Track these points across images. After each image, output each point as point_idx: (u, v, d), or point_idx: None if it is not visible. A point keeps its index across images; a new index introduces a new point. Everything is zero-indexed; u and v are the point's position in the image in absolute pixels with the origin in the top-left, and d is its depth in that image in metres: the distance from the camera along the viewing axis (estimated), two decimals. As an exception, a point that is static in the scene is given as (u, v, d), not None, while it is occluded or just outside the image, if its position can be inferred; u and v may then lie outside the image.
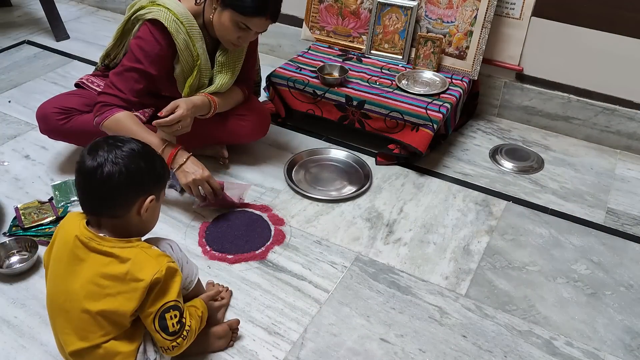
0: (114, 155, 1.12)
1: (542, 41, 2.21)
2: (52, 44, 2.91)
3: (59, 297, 1.15)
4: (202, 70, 1.81)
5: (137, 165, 1.14)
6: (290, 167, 2.03)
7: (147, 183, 1.18)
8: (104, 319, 1.12)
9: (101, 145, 1.14)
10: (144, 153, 1.18)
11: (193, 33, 1.74)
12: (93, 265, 1.12)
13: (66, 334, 1.15)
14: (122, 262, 1.12)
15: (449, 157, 2.17)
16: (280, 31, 2.74)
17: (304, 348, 1.40)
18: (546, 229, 1.82)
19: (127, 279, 1.11)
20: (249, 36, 1.72)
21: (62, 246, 1.16)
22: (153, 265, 1.12)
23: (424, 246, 1.74)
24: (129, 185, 1.14)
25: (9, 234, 1.70)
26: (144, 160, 1.16)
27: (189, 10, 1.74)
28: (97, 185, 1.12)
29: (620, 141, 2.24)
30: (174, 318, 1.15)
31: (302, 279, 1.60)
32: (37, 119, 1.87)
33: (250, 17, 1.63)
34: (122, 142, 1.16)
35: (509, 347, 1.43)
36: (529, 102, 2.34)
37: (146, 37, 1.71)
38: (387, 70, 2.30)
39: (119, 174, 1.11)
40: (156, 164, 1.21)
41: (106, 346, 1.13)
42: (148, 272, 1.11)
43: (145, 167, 1.16)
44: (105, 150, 1.13)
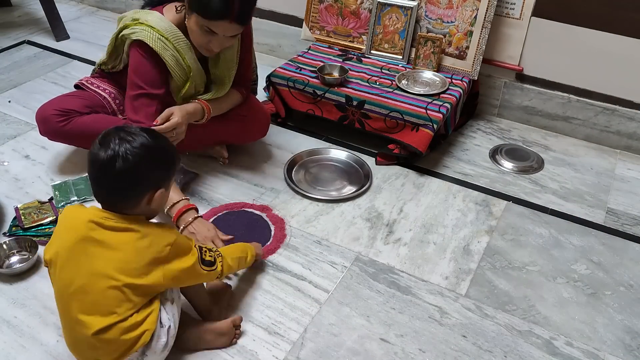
0: (125, 149, 1.13)
1: (542, 41, 2.21)
2: (52, 44, 2.91)
3: (77, 281, 1.15)
4: (196, 79, 1.79)
5: (147, 162, 1.16)
6: (290, 167, 2.03)
7: (157, 177, 1.20)
8: (133, 292, 1.15)
9: (113, 137, 1.15)
10: (155, 147, 1.18)
11: (181, 46, 1.72)
12: (112, 243, 1.15)
13: (90, 314, 1.15)
14: (143, 236, 1.16)
15: (449, 157, 2.17)
16: (280, 31, 2.74)
17: (304, 348, 1.40)
18: (546, 229, 1.82)
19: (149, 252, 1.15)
20: (220, 40, 1.66)
21: (73, 234, 1.17)
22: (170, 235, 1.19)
23: (424, 246, 1.74)
24: (138, 182, 1.16)
25: (9, 234, 1.70)
26: (154, 154, 1.18)
27: (172, 22, 1.72)
28: (107, 180, 1.16)
29: (620, 141, 2.24)
30: (206, 253, 1.27)
31: (302, 279, 1.60)
32: (37, 121, 1.87)
33: (214, 20, 1.59)
34: (134, 134, 1.17)
35: (509, 347, 1.43)
36: (529, 102, 2.34)
37: (137, 61, 1.71)
38: (387, 70, 2.30)
39: (130, 171, 1.14)
40: (166, 157, 1.23)
41: (134, 317, 1.16)
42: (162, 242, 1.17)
43: (155, 162, 1.18)
44: (117, 143, 1.14)
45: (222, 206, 1.85)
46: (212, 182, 1.97)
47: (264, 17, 2.72)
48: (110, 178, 1.15)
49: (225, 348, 1.39)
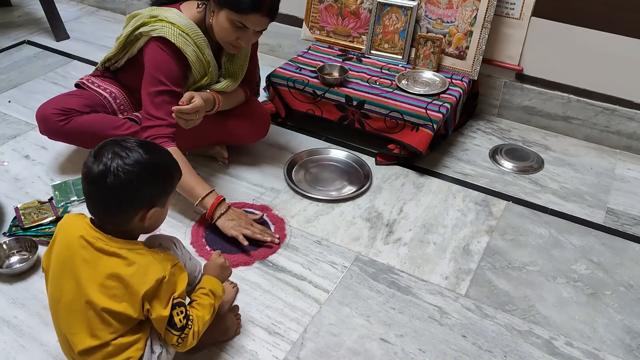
0: (117, 165, 1.09)
1: (542, 41, 2.21)
2: (52, 44, 2.91)
3: (63, 298, 1.15)
4: (213, 75, 1.82)
5: (140, 179, 1.10)
6: (290, 167, 2.03)
7: (150, 196, 1.15)
8: (112, 318, 1.12)
9: (107, 151, 1.11)
10: (149, 164, 1.13)
11: (200, 42, 1.74)
12: (99, 265, 1.12)
13: (74, 333, 1.14)
14: (129, 264, 1.11)
15: (449, 157, 2.17)
16: (280, 31, 2.74)
17: (304, 348, 1.40)
18: (546, 229, 1.82)
19: (131, 283, 1.11)
20: (248, 36, 1.70)
21: (65, 247, 1.16)
22: (158, 270, 1.12)
23: (424, 246, 1.74)
24: (129, 199, 1.11)
25: (9, 234, 1.70)
26: (148, 172, 1.12)
27: (191, 19, 1.74)
28: (99, 195, 1.12)
29: (620, 141, 2.24)
30: (180, 314, 1.16)
31: (302, 279, 1.60)
32: (37, 120, 1.87)
33: (245, 14, 1.62)
34: (128, 150, 1.11)
35: (509, 347, 1.43)
36: (529, 102, 2.34)
37: (159, 57, 1.71)
38: (387, 70, 2.30)
39: (121, 189, 1.09)
40: (161, 174, 1.17)
41: (115, 343, 1.13)
42: (151, 278, 1.11)
43: (148, 181, 1.12)
44: (110, 157, 1.09)
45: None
46: (212, 182, 1.97)
47: (264, 17, 2.72)
48: (101, 193, 1.11)
49: (227, 346, 1.39)
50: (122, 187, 1.09)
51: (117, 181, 1.08)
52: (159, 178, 1.16)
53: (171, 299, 1.14)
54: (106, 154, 1.10)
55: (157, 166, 1.15)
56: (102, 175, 1.08)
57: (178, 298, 1.16)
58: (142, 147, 1.13)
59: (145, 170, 1.11)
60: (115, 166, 1.08)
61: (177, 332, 1.16)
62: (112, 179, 1.08)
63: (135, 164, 1.10)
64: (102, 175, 1.08)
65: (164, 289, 1.12)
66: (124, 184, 1.09)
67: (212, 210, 1.67)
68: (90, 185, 1.12)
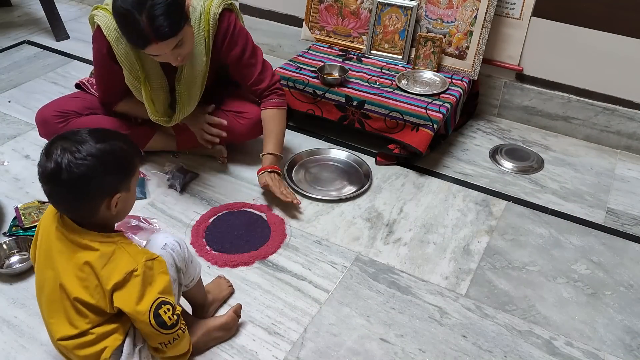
0: (68, 160, 1.06)
1: (542, 41, 2.21)
2: (52, 44, 2.91)
3: (45, 287, 1.16)
4: (151, 81, 1.76)
5: (94, 170, 1.07)
6: (290, 167, 2.03)
7: (110, 184, 1.12)
8: (85, 308, 1.12)
9: (56, 147, 1.08)
10: (103, 153, 1.09)
11: None
12: (73, 257, 1.12)
13: (52, 323, 1.16)
14: (100, 257, 1.11)
15: (449, 157, 2.17)
16: (280, 31, 2.74)
17: (304, 348, 1.40)
18: (546, 229, 1.82)
19: (100, 275, 1.10)
20: (169, 57, 1.61)
21: (45, 237, 1.17)
22: (129, 262, 1.11)
23: (424, 246, 1.74)
24: (88, 192, 1.09)
25: (9, 234, 1.70)
26: (101, 162, 1.09)
27: None
28: (56, 193, 1.10)
29: (620, 141, 2.24)
30: (168, 312, 1.14)
31: (302, 279, 1.60)
32: (37, 124, 1.88)
33: (142, 49, 1.57)
34: (78, 143, 1.08)
35: (509, 347, 1.43)
36: (529, 102, 2.34)
37: (94, 43, 1.74)
38: (387, 70, 2.30)
39: (76, 182, 1.07)
40: (118, 161, 1.13)
41: (93, 332, 1.14)
42: (120, 270, 1.10)
43: (104, 170, 1.09)
44: (59, 154, 1.06)
45: (222, 206, 1.85)
46: (212, 182, 1.97)
47: (264, 17, 2.72)
48: (58, 191, 1.09)
49: (227, 346, 1.39)
50: (77, 181, 1.07)
51: (71, 177, 1.06)
52: (116, 164, 1.12)
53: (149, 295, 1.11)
54: (56, 151, 1.08)
55: (111, 153, 1.11)
56: (55, 173, 1.06)
57: (163, 296, 1.13)
58: (94, 137, 1.10)
59: (98, 160, 1.08)
60: (66, 162, 1.06)
61: (168, 331, 1.14)
62: (65, 175, 1.06)
63: (87, 157, 1.07)
64: (55, 173, 1.06)
65: (135, 282, 1.10)
66: (78, 178, 1.06)
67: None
68: (46, 185, 1.10)
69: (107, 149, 1.10)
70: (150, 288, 1.12)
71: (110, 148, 1.11)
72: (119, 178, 1.14)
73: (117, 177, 1.13)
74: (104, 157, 1.09)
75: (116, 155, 1.13)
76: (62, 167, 1.06)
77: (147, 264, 1.12)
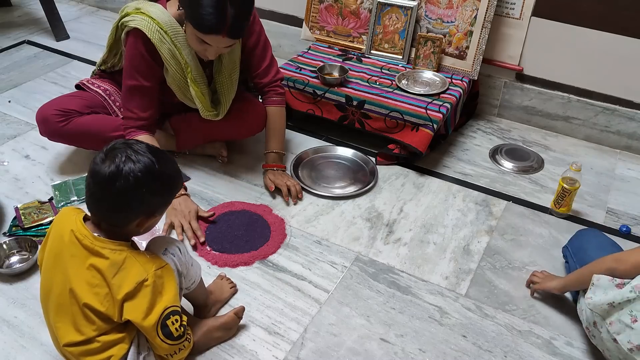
0: (129, 169, 1.07)
1: (542, 41, 2.21)
2: (52, 44, 2.91)
3: (53, 290, 1.16)
4: (195, 75, 1.78)
5: (147, 187, 1.10)
6: (296, 165, 2.04)
7: (154, 204, 1.15)
8: (94, 315, 1.12)
9: (119, 152, 1.10)
10: (159, 173, 1.12)
11: (179, 40, 1.72)
12: (85, 262, 1.12)
13: (59, 327, 1.16)
14: (111, 265, 1.11)
15: (449, 157, 2.17)
16: (280, 31, 2.74)
17: (304, 348, 1.40)
18: (546, 229, 1.82)
19: (112, 284, 1.11)
20: (214, 50, 1.66)
21: (57, 240, 1.16)
22: (139, 272, 1.11)
23: (424, 246, 1.74)
24: (134, 205, 1.11)
25: (9, 234, 1.70)
26: (158, 182, 1.12)
27: (173, 16, 1.72)
28: (104, 196, 1.11)
29: (620, 141, 2.24)
30: (176, 323, 1.15)
31: (302, 279, 1.60)
32: (37, 122, 1.87)
33: (206, 34, 1.59)
34: (140, 155, 1.10)
35: (509, 347, 1.43)
36: (529, 102, 2.34)
37: (132, 50, 1.72)
38: (387, 70, 2.30)
39: (128, 193, 1.09)
40: (168, 185, 1.16)
41: (99, 339, 1.13)
42: (131, 280, 1.10)
43: (156, 190, 1.12)
44: (123, 160, 1.08)
45: (222, 206, 1.85)
46: (212, 182, 1.97)
47: (264, 17, 2.72)
48: (107, 194, 1.10)
49: (227, 346, 1.39)
50: (131, 192, 1.08)
51: (126, 185, 1.08)
52: (165, 188, 1.16)
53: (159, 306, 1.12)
54: (119, 155, 1.09)
55: (166, 176, 1.14)
56: (112, 177, 1.08)
57: (172, 306, 1.14)
58: (154, 155, 1.12)
59: (155, 179, 1.11)
60: (127, 170, 1.07)
61: (174, 342, 1.15)
62: (122, 182, 1.07)
63: (147, 171, 1.09)
64: (112, 177, 1.08)
65: (145, 293, 1.11)
66: (133, 189, 1.08)
67: None
68: (97, 185, 1.10)
69: (165, 171, 1.14)
70: (160, 298, 1.13)
71: (167, 171, 1.15)
72: (163, 201, 1.17)
73: (162, 200, 1.16)
74: (161, 178, 1.12)
75: (169, 179, 1.16)
76: (122, 174, 1.07)
77: (157, 272, 1.13)
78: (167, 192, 1.17)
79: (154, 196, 1.13)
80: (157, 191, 1.13)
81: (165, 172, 1.14)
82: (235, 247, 1.69)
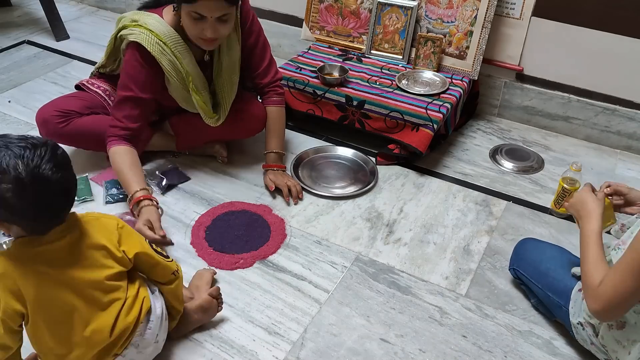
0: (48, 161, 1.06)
1: (542, 41, 2.20)
2: (52, 44, 2.91)
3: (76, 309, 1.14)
4: (196, 83, 1.79)
5: (67, 161, 1.14)
6: (296, 165, 2.04)
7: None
8: (112, 259, 1.17)
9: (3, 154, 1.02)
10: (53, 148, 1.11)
11: (179, 50, 1.72)
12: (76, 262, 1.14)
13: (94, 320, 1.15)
14: (81, 233, 1.15)
15: (449, 157, 2.17)
16: (280, 31, 2.74)
17: (304, 348, 1.40)
18: (546, 229, 1.82)
19: (102, 242, 1.17)
20: (211, 25, 1.63)
21: (35, 283, 1.09)
22: (109, 221, 1.21)
23: (424, 246, 1.74)
24: (74, 181, 1.17)
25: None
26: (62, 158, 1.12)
27: (171, 24, 1.72)
28: (48, 195, 1.07)
29: (620, 141, 2.24)
30: (157, 246, 1.30)
31: (302, 279, 1.60)
32: (37, 123, 1.87)
33: (195, 2, 1.58)
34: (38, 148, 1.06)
35: (509, 347, 1.43)
36: (529, 102, 2.34)
37: (131, 62, 1.71)
38: (387, 70, 2.30)
39: (69, 175, 1.14)
40: None
41: (129, 294, 1.20)
42: (111, 229, 1.20)
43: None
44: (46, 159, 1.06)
45: (222, 206, 1.85)
46: (212, 182, 1.97)
47: (264, 17, 2.72)
48: (62, 188, 1.09)
49: (227, 346, 1.39)
50: (70, 173, 1.17)
51: (63, 170, 1.15)
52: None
53: (140, 238, 1.25)
54: (5, 156, 1.01)
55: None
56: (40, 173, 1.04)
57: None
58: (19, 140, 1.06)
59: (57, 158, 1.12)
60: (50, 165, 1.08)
61: (169, 259, 1.28)
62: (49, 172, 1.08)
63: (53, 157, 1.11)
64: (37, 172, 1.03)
65: (127, 230, 1.22)
66: (69, 171, 1.18)
67: (133, 204, 1.64)
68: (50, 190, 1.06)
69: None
70: (135, 233, 1.26)
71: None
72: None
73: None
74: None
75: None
76: (55, 164, 1.10)
77: (118, 218, 1.25)
78: None
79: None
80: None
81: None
82: (235, 247, 1.69)
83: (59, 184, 1.06)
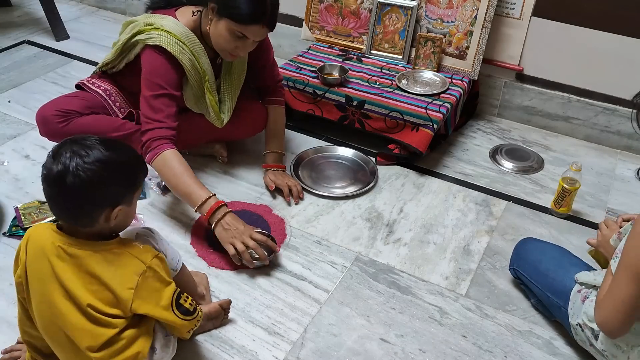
0: (76, 164, 1.04)
1: (542, 41, 2.21)
2: (52, 44, 2.91)
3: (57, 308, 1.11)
4: (210, 83, 1.81)
5: (101, 178, 1.06)
6: (296, 165, 2.04)
7: (113, 195, 1.10)
8: (102, 315, 1.10)
9: (65, 150, 1.07)
10: (111, 162, 1.09)
11: (196, 50, 1.73)
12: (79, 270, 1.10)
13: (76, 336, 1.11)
14: (108, 265, 1.10)
15: (449, 157, 2.17)
16: (280, 31, 2.72)
17: (304, 348, 1.40)
18: (546, 229, 1.82)
19: (113, 286, 1.09)
20: (247, 45, 1.69)
21: (39, 259, 1.11)
22: (137, 265, 1.12)
23: (424, 246, 1.74)
24: (91, 199, 1.08)
25: (9, 234, 1.70)
26: (109, 171, 1.08)
27: (187, 25, 1.73)
28: (60, 197, 1.08)
29: (620, 141, 2.24)
30: (188, 299, 1.18)
31: (302, 279, 1.60)
32: (37, 122, 1.87)
33: (246, 25, 1.61)
34: (88, 148, 1.07)
35: (509, 347, 1.43)
36: (529, 102, 2.34)
37: (156, 62, 1.70)
38: (387, 70, 2.30)
39: (81, 188, 1.05)
40: (125, 172, 1.12)
41: (124, 335, 1.12)
42: (132, 276, 1.10)
43: (110, 179, 1.09)
44: (68, 157, 1.05)
45: (222, 206, 1.85)
46: (212, 182, 1.97)
47: (264, 17, 2.72)
48: (62, 194, 1.07)
49: (227, 346, 1.39)
50: (83, 187, 1.05)
51: (77, 181, 1.05)
52: (122, 176, 1.12)
53: (167, 290, 1.14)
54: (64, 153, 1.06)
55: (119, 163, 1.11)
56: (61, 176, 1.05)
57: (177, 288, 1.17)
58: (103, 145, 1.09)
59: (106, 168, 1.07)
60: (74, 165, 1.05)
61: (192, 317, 1.19)
62: (71, 179, 1.04)
63: (96, 162, 1.06)
64: (61, 175, 1.05)
65: (149, 283, 1.12)
66: (85, 184, 1.05)
67: (209, 216, 1.58)
68: (50, 187, 1.08)
69: (116, 159, 1.10)
70: (164, 283, 1.15)
71: (119, 158, 1.11)
72: (123, 190, 1.13)
73: (122, 189, 1.13)
74: (112, 166, 1.09)
75: (124, 167, 1.13)
76: (70, 170, 1.04)
77: (154, 261, 1.13)
78: (124, 178, 1.13)
79: (109, 186, 1.09)
80: (112, 180, 1.09)
81: (116, 159, 1.10)
82: (235, 247, 1.69)
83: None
